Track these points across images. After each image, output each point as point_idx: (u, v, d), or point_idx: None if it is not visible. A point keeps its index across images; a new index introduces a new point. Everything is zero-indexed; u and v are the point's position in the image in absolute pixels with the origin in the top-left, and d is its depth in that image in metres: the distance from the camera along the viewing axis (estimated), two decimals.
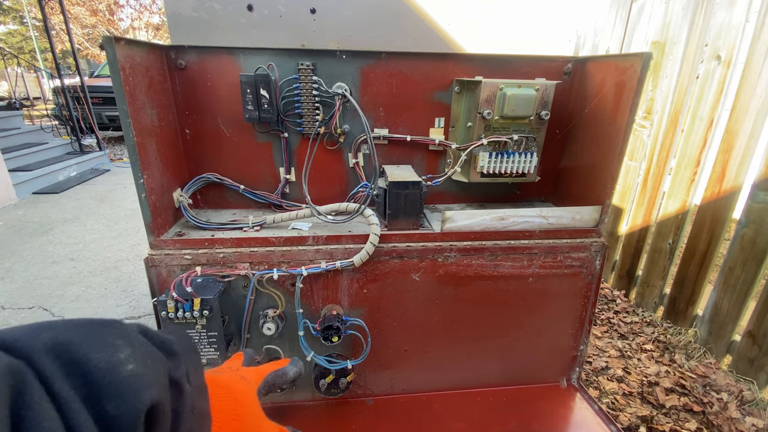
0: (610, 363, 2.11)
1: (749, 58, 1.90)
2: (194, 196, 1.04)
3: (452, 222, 0.87)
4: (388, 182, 0.93)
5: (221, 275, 0.88)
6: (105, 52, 0.71)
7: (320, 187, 1.08)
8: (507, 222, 0.91)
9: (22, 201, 4.70)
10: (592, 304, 1.09)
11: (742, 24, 1.95)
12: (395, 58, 0.98)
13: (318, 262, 0.91)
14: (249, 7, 0.97)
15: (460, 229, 0.87)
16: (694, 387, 1.93)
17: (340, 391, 1.00)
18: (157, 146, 0.87)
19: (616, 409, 1.81)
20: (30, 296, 2.75)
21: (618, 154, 0.91)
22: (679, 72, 2.31)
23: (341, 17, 1.01)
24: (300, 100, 0.96)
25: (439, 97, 1.04)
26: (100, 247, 3.53)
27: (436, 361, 1.09)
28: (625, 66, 0.89)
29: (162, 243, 0.87)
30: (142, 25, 16.13)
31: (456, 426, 1.03)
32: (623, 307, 2.63)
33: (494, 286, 1.03)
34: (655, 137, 2.50)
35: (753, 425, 1.71)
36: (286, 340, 0.99)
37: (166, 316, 0.80)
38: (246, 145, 1.02)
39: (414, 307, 1.02)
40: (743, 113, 1.92)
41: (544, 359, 1.15)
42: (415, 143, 1.06)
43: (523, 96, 0.94)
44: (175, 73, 0.93)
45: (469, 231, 0.94)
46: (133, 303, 2.71)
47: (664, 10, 2.39)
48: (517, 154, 1.00)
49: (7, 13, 16.51)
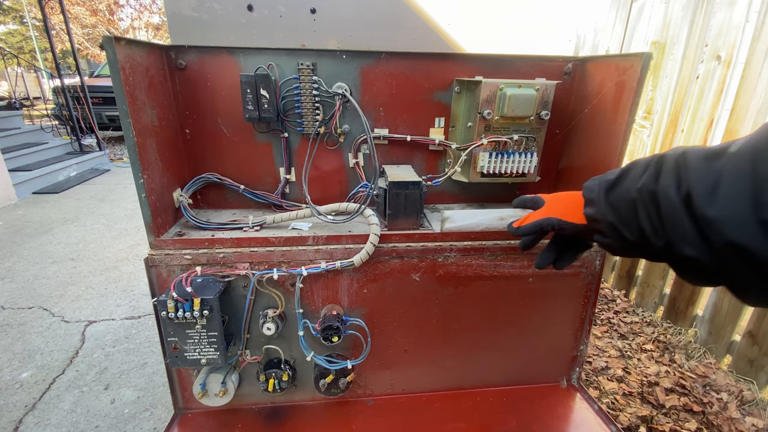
0: (610, 363, 2.11)
1: (749, 58, 1.90)
2: (194, 196, 1.04)
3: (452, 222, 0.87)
4: (388, 182, 0.93)
5: (221, 275, 0.88)
6: (105, 52, 0.71)
7: (320, 187, 1.08)
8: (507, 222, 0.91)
9: (22, 201, 4.70)
10: (592, 304, 1.09)
11: (742, 24, 1.95)
12: (395, 58, 0.98)
13: (318, 262, 0.91)
14: (249, 7, 0.97)
15: (460, 229, 0.87)
16: (694, 387, 1.93)
17: (340, 391, 1.00)
18: (157, 146, 0.87)
19: (616, 409, 1.81)
20: (30, 296, 2.75)
21: (618, 154, 0.91)
22: (679, 72, 2.31)
23: (341, 17, 1.01)
24: (300, 100, 0.96)
25: (439, 97, 1.04)
26: (100, 247, 3.53)
27: (436, 361, 1.09)
28: (625, 66, 0.89)
29: (162, 243, 0.87)
30: (142, 25, 16.14)
31: (456, 426, 1.03)
32: (623, 307, 2.63)
33: (494, 286, 1.03)
34: (655, 137, 2.50)
35: (753, 425, 1.71)
36: (286, 340, 1.00)
37: (166, 316, 0.80)
38: (246, 145, 1.02)
39: (414, 307, 1.02)
40: (743, 113, 1.93)
41: (544, 359, 1.15)
42: (415, 143, 1.06)
43: (523, 96, 0.94)
44: (175, 73, 0.93)
45: (469, 231, 0.94)
46: (133, 303, 2.71)
47: (664, 10, 2.39)
48: (517, 154, 1.00)
49: (7, 13, 16.51)
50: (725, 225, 0.39)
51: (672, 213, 0.45)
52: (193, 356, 0.86)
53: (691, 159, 0.45)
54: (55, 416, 1.80)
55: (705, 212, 0.41)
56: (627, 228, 0.53)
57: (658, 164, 0.50)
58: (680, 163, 0.46)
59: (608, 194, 0.57)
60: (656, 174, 0.49)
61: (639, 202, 0.50)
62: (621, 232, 0.53)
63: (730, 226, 0.39)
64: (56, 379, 2.02)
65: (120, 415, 1.81)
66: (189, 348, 0.85)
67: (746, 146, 0.40)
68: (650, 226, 0.49)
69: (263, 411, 1.05)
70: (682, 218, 0.44)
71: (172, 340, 0.84)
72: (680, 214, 0.44)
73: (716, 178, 0.41)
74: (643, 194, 0.49)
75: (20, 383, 1.99)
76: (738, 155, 0.40)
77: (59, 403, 1.87)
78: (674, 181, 0.45)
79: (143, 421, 1.78)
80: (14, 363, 2.12)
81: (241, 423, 1.02)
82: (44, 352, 2.21)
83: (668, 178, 0.46)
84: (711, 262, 0.42)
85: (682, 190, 0.44)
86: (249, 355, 0.99)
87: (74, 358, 2.17)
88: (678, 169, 0.46)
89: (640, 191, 0.50)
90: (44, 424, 1.76)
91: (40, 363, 2.13)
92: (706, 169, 0.43)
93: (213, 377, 0.95)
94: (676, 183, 0.45)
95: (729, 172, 0.40)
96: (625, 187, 0.54)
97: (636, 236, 0.51)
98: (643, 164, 0.52)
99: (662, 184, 0.47)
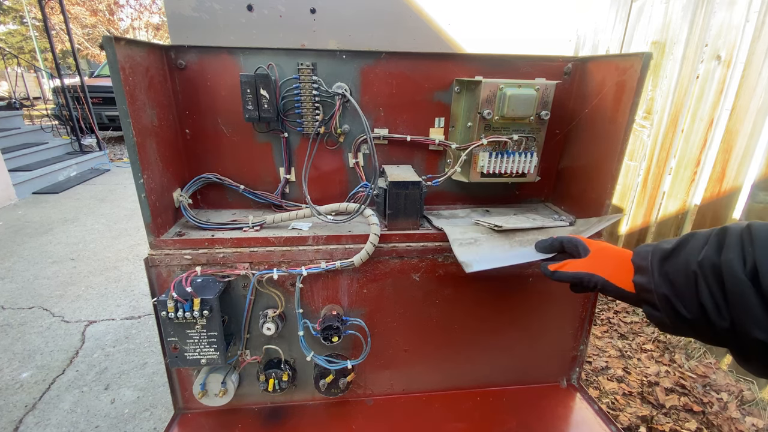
0: (610, 363, 2.11)
1: (749, 58, 1.90)
2: (194, 196, 1.04)
3: (476, 267, 0.82)
4: (388, 182, 0.93)
5: (221, 275, 0.88)
6: (105, 52, 0.71)
7: (320, 187, 1.08)
8: (538, 259, 0.83)
9: (22, 201, 4.70)
10: (592, 304, 1.09)
11: (742, 24, 1.95)
12: (395, 58, 0.98)
13: (318, 262, 0.91)
14: (249, 7, 0.97)
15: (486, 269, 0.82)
16: (694, 387, 1.93)
17: (340, 391, 1.00)
18: (157, 146, 0.87)
19: (616, 409, 1.81)
20: (30, 296, 2.75)
21: (618, 154, 0.91)
22: (679, 72, 2.31)
23: (341, 17, 1.01)
24: (300, 100, 0.96)
25: (439, 97, 1.04)
26: (100, 247, 3.53)
27: (436, 361, 1.09)
28: (625, 66, 0.89)
29: (162, 243, 0.87)
30: (142, 25, 16.13)
31: (456, 426, 1.03)
32: (623, 306, 2.63)
33: (494, 286, 1.03)
34: (655, 137, 2.50)
35: (753, 425, 1.71)
36: (286, 340, 1.00)
37: (166, 316, 0.80)
38: (246, 145, 1.02)
39: (414, 307, 1.02)
40: (743, 113, 1.93)
41: (544, 359, 1.15)
42: (415, 143, 1.06)
43: (523, 96, 0.94)
44: (175, 73, 0.93)
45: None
46: (133, 303, 2.71)
47: (664, 10, 2.39)
48: (517, 154, 1.00)
49: (7, 13, 16.50)
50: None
51: (738, 289, 0.42)
52: (193, 356, 0.86)
53: (756, 232, 0.43)
54: (55, 416, 1.80)
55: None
56: (683, 303, 0.49)
57: (720, 236, 0.47)
58: (745, 236, 0.44)
59: (663, 264, 0.53)
60: (719, 246, 0.46)
61: (700, 276, 0.47)
62: (676, 307, 0.50)
63: None
64: (56, 379, 2.02)
65: (120, 415, 1.81)
66: (189, 348, 0.85)
67: None
68: (712, 303, 0.45)
69: (263, 411, 1.05)
70: (749, 295, 0.41)
71: (172, 340, 0.84)
72: (747, 290, 0.41)
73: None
74: (705, 267, 0.46)
75: (20, 383, 1.99)
76: None
77: (59, 403, 1.87)
78: (739, 255, 0.43)
79: (143, 421, 1.78)
80: (14, 363, 2.12)
81: (241, 423, 1.02)
82: (44, 352, 2.21)
83: (732, 251, 0.43)
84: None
85: (748, 264, 0.41)
86: (249, 355, 0.99)
87: (74, 358, 2.17)
88: (743, 242, 0.43)
89: (701, 264, 0.47)
90: (44, 424, 1.76)
91: (40, 363, 2.13)
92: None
93: (213, 377, 0.95)
94: (741, 257, 0.43)
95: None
96: (683, 258, 0.50)
97: (694, 313, 0.48)
98: (704, 236, 0.50)
99: (726, 257, 0.44)
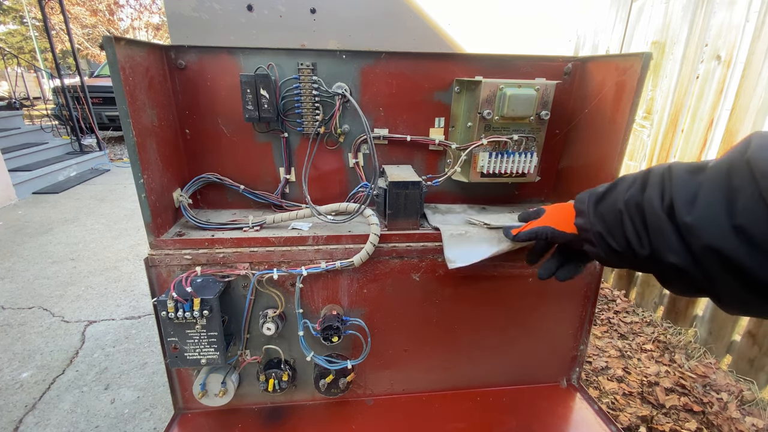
0: (610, 363, 2.11)
1: (749, 58, 1.90)
2: (194, 196, 1.04)
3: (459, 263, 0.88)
4: (388, 182, 0.93)
5: (221, 275, 0.88)
6: (105, 52, 0.71)
7: (320, 187, 1.08)
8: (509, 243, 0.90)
9: (22, 201, 4.70)
10: (592, 304, 1.09)
11: (742, 24, 1.95)
12: (395, 58, 0.98)
13: (318, 262, 0.91)
14: (249, 7, 0.97)
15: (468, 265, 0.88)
16: (694, 387, 1.93)
17: (340, 391, 1.00)
18: (157, 146, 0.87)
19: (616, 409, 1.81)
20: (30, 296, 2.75)
21: (618, 154, 0.91)
22: (679, 72, 2.31)
23: (341, 17, 1.01)
24: (300, 100, 0.96)
25: (439, 97, 1.04)
26: (100, 247, 3.53)
27: (436, 361, 1.09)
28: (625, 66, 0.89)
29: (162, 243, 0.87)
30: (142, 25, 16.14)
31: (456, 426, 1.03)
32: (623, 307, 2.63)
33: (494, 286, 1.03)
34: (655, 137, 2.50)
35: (753, 425, 1.71)
36: (286, 340, 1.00)
37: (166, 316, 0.80)
38: (246, 145, 1.02)
39: (414, 307, 1.02)
40: (743, 113, 1.93)
41: (544, 359, 1.15)
42: (415, 143, 1.06)
43: (523, 96, 0.94)
44: (175, 73, 0.93)
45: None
46: (133, 303, 2.71)
47: (664, 10, 2.39)
48: (517, 154, 1.00)
49: (7, 13, 16.51)
50: (703, 230, 0.43)
51: (656, 222, 0.49)
52: (193, 356, 0.86)
53: (675, 172, 0.49)
54: (55, 416, 1.80)
55: (685, 219, 0.44)
56: (613, 238, 0.56)
57: (644, 178, 0.53)
58: (665, 175, 0.50)
59: (597, 205, 0.60)
60: (642, 186, 0.52)
61: (625, 213, 0.54)
62: (608, 241, 0.57)
63: (707, 231, 0.42)
64: (56, 379, 2.02)
65: (120, 415, 1.81)
66: (189, 348, 0.85)
67: (723, 160, 0.44)
68: (635, 236, 0.52)
69: (263, 411, 1.05)
70: (664, 226, 0.47)
71: (172, 340, 0.84)
72: (663, 222, 0.47)
73: (696, 188, 0.45)
74: (630, 205, 0.53)
75: (20, 383, 1.99)
76: (716, 168, 0.44)
77: (59, 403, 1.87)
78: (659, 192, 0.49)
79: (143, 421, 1.78)
80: (14, 363, 2.13)
81: (241, 423, 1.02)
82: (44, 352, 2.21)
83: (653, 190, 0.50)
84: (692, 267, 0.45)
85: (666, 200, 0.47)
86: (249, 355, 0.99)
87: (74, 358, 2.17)
88: (663, 181, 0.49)
89: (626, 202, 0.54)
90: (44, 424, 1.76)
91: (40, 363, 2.13)
92: (689, 180, 0.46)
93: (213, 377, 0.95)
94: (660, 194, 0.49)
95: (707, 183, 0.44)
96: (612, 199, 0.58)
97: (622, 246, 0.55)
98: (631, 178, 0.56)
99: (648, 195, 0.50)
